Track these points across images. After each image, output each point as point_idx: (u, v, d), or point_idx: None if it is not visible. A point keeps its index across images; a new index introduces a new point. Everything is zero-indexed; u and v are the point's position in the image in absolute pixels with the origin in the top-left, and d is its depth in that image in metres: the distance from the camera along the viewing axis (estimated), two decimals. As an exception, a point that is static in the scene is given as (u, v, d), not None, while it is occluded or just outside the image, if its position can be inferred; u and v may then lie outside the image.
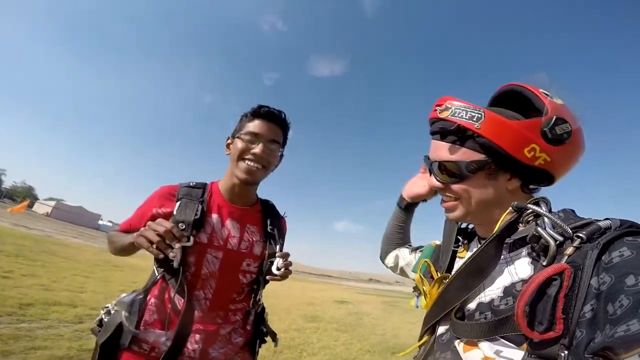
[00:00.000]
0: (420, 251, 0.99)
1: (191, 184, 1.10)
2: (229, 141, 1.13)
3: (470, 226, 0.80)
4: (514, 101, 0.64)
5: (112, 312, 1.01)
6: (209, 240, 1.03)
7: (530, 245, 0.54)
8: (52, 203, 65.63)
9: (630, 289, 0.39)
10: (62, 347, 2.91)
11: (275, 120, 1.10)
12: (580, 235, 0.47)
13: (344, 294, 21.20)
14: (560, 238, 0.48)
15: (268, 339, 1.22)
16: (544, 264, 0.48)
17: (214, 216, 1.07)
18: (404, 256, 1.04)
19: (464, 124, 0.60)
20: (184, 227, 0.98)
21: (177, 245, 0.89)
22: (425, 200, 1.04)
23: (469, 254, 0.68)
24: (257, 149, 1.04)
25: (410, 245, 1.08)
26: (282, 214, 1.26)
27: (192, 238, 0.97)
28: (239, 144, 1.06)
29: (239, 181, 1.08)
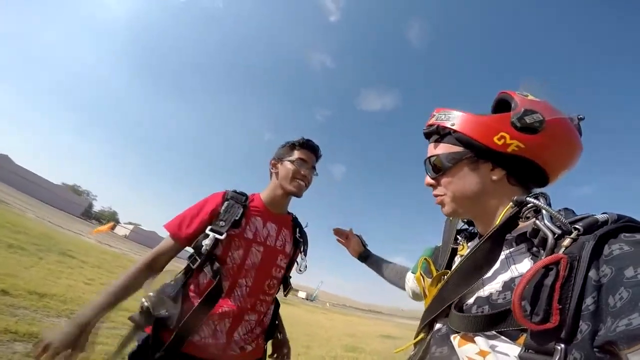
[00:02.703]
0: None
1: (236, 190, 1.34)
2: (274, 162, 1.39)
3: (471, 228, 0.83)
4: (504, 108, 0.69)
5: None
6: (253, 237, 1.26)
7: (530, 240, 0.54)
8: (131, 227, 74.11)
9: (629, 281, 0.39)
10: (116, 344, 3.32)
11: (316, 151, 1.42)
12: (578, 227, 0.47)
13: (393, 330, 19.76)
14: (558, 231, 0.48)
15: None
16: (543, 257, 0.48)
17: (258, 218, 1.30)
18: (410, 279, 1.11)
19: (442, 124, 0.70)
20: (223, 224, 1.20)
21: None
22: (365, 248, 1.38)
23: (468, 251, 0.71)
24: (306, 172, 1.34)
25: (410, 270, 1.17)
26: (304, 225, 1.50)
27: (225, 234, 1.18)
28: (290, 166, 1.32)
29: (287, 193, 1.34)
